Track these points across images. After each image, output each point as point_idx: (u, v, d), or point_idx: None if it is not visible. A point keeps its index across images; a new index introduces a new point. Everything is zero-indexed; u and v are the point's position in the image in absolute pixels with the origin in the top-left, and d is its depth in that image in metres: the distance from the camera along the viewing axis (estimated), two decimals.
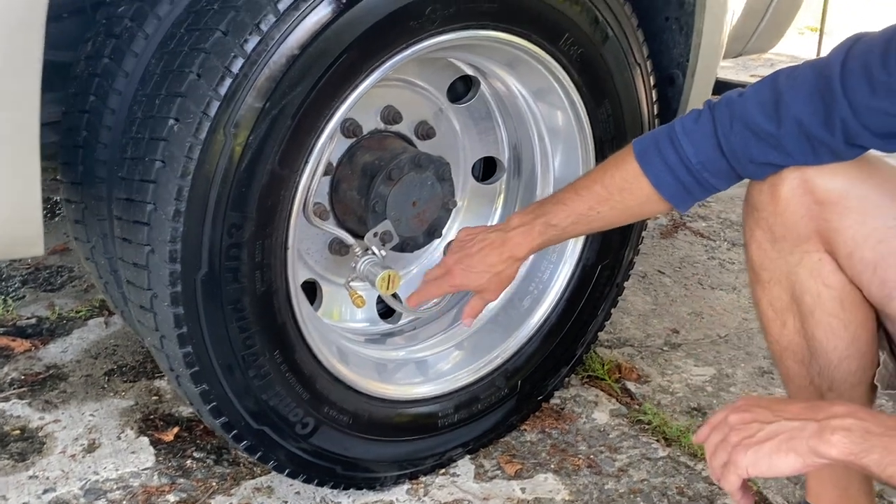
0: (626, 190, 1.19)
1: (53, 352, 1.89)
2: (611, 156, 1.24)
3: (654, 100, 1.57)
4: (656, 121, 1.59)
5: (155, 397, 1.74)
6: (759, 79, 1.15)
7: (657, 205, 1.20)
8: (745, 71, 4.78)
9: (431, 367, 1.57)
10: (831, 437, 0.87)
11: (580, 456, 1.63)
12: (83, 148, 1.32)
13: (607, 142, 1.52)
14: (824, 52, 1.14)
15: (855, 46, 1.05)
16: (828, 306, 1.15)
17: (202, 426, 1.64)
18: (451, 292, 1.43)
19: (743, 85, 1.30)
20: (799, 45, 5.28)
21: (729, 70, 4.55)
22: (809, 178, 1.10)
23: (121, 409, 1.70)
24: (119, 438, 1.61)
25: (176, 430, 1.64)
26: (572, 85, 1.43)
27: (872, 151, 1.13)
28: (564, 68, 1.41)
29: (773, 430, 0.91)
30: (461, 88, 1.57)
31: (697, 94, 1.66)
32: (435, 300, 1.61)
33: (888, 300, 1.12)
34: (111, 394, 1.75)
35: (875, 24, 1.11)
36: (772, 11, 2.17)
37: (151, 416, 1.68)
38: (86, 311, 2.06)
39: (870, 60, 1.02)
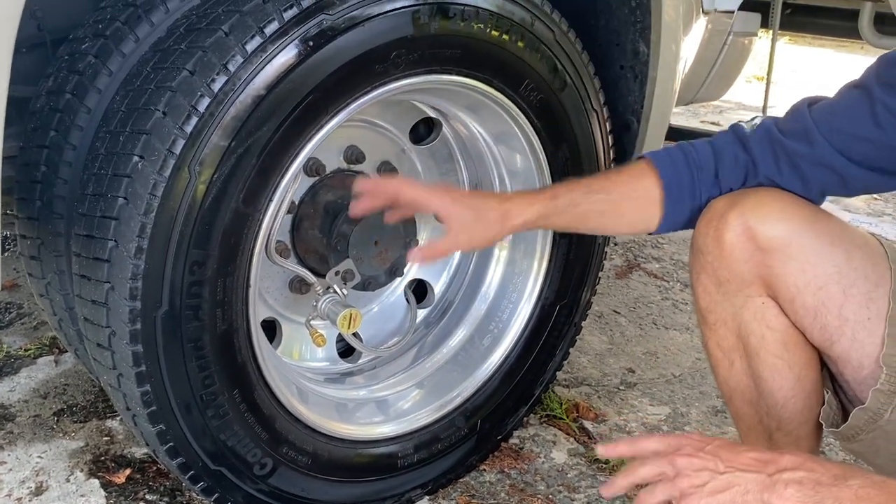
0: (636, 177, 1.25)
1: (0, 391, 1.83)
2: None
3: (611, 145, 1.62)
4: (612, 165, 1.63)
5: (106, 438, 1.70)
6: (708, 125, 1.25)
7: (655, 203, 1.24)
8: (696, 117, 4.94)
9: (392, 407, 1.57)
10: (784, 492, 0.89)
11: (539, 496, 1.63)
12: (41, 183, 1.31)
13: None
14: (771, 101, 1.26)
15: (817, 101, 1.19)
16: (772, 348, 1.19)
17: (155, 467, 1.60)
18: (437, 206, 1.25)
19: (695, 131, 1.40)
20: (747, 93, 5.49)
21: (680, 117, 4.69)
22: (752, 226, 1.15)
23: (70, 450, 1.65)
24: (68, 481, 1.57)
25: (128, 471, 1.59)
26: (532, 129, 1.47)
27: None
28: (524, 113, 1.45)
29: (726, 482, 0.91)
30: (423, 130, 1.60)
31: (651, 139, 1.71)
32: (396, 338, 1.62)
33: (829, 344, 1.16)
34: (60, 434, 1.70)
35: (817, 74, 1.22)
36: (721, 62, 2.26)
37: (102, 458, 1.63)
38: (35, 349, 2.00)
39: (833, 98, 1.16)
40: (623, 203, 1.26)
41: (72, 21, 1.39)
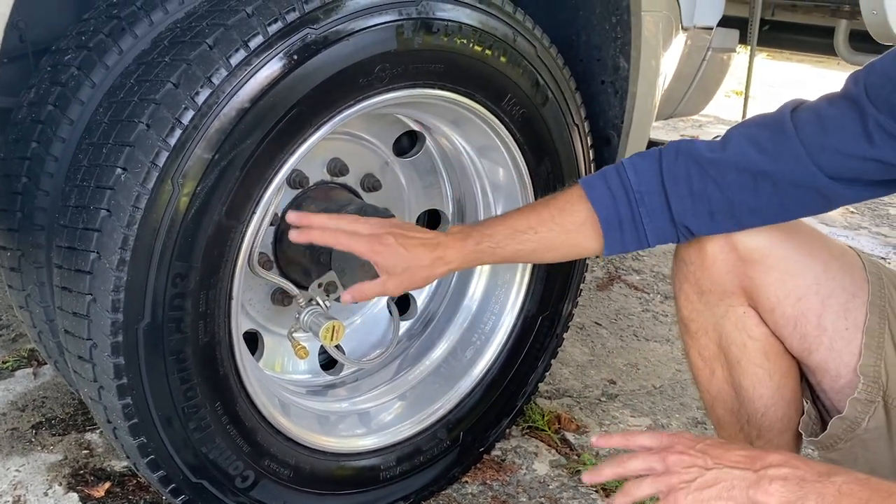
0: (566, 211, 1.19)
1: None
2: None
3: (592, 158, 1.64)
4: None
5: (85, 451, 1.68)
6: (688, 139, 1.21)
7: (590, 237, 1.19)
8: (676, 132, 5.00)
9: (374, 419, 1.57)
10: (769, 487, 0.91)
11: None
12: (22, 195, 1.30)
13: None
14: (750, 115, 1.21)
15: (799, 108, 1.11)
16: (753, 357, 1.20)
17: (135, 481, 1.59)
18: (363, 256, 1.22)
19: None
20: (726, 107, 5.56)
21: (660, 131, 4.74)
22: (734, 237, 1.16)
23: (49, 463, 1.64)
24: (46, 495, 1.55)
25: (107, 485, 1.58)
26: (514, 143, 1.49)
27: None
28: (507, 127, 1.46)
29: (713, 478, 0.93)
30: (407, 143, 1.61)
31: (632, 153, 1.73)
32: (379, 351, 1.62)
33: (808, 353, 1.18)
34: (39, 448, 1.68)
35: (795, 89, 1.19)
36: (700, 77, 2.29)
37: (81, 471, 1.62)
38: (13, 361, 1.98)
39: (818, 105, 1.09)
40: (553, 239, 1.20)
41: (54, 32, 1.39)
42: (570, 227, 1.19)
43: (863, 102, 1.05)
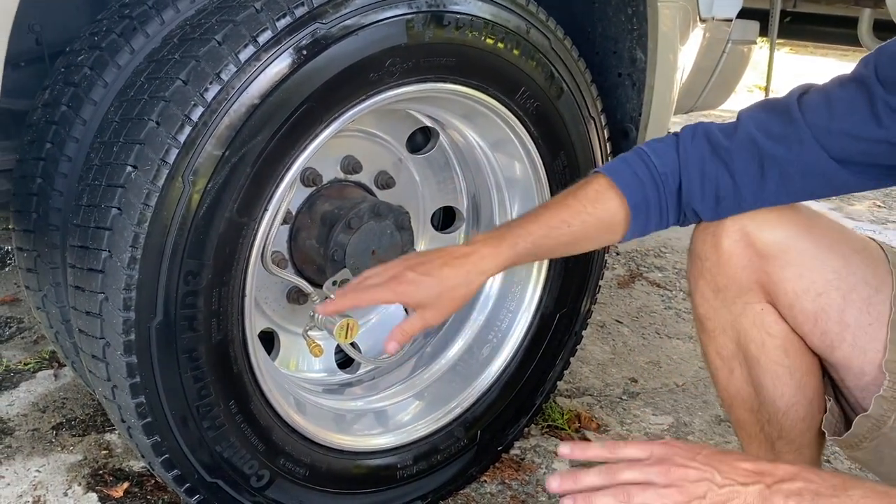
0: (598, 200, 1.15)
1: None
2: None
3: (609, 152, 1.62)
4: None
5: (105, 451, 1.69)
6: None
7: (621, 223, 1.16)
8: None
9: (390, 418, 1.56)
10: None
11: None
12: (37, 195, 1.31)
13: None
14: None
15: (808, 91, 1.10)
16: (772, 354, 1.17)
17: (153, 481, 1.59)
18: (391, 302, 1.19)
19: None
20: (748, 102, 5.49)
21: (681, 127, 4.68)
22: (750, 231, 1.13)
23: (68, 464, 1.64)
24: (66, 495, 1.56)
25: (126, 485, 1.58)
26: (529, 137, 1.47)
27: (809, 205, 1.18)
28: (521, 121, 1.44)
29: (725, 495, 0.87)
30: (420, 139, 1.60)
31: None
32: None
33: (830, 350, 1.14)
34: (59, 448, 1.69)
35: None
36: (720, 70, 2.25)
37: (100, 472, 1.62)
38: (34, 363, 2.00)
39: (827, 89, 1.07)
40: (587, 230, 1.17)
41: (69, 34, 1.39)
42: (602, 215, 1.16)
43: (871, 83, 1.03)
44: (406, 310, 1.66)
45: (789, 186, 1.11)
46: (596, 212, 1.16)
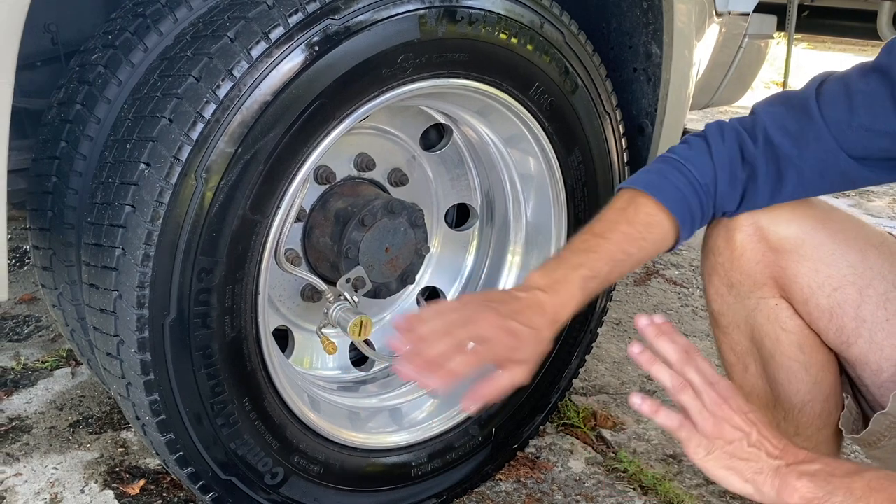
0: (652, 225, 1.11)
1: (17, 403, 1.84)
2: (608, 206, 1.14)
3: (624, 148, 1.60)
4: (626, 168, 1.61)
5: (121, 449, 1.70)
6: None
7: (671, 240, 1.14)
8: None
9: (405, 415, 1.55)
10: (796, 483, 0.88)
11: None
12: (52, 194, 1.31)
13: (578, 188, 1.54)
14: None
15: (831, 76, 1.08)
16: (787, 350, 1.16)
17: (169, 479, 1.60)
18: (498, 358, 0.99)
19: None
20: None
21: (698, 122, 4.65)
22: (764, 226, 1.12)
23: (85, 461, 1.65)
24: (83, 492, 1.56)
25: (142, 482, 1.59)
26: (543, 133, 1.46)
27: (825, 199, 1.16)
28: (535, 116, 1.43)
29: (748, 454, 0.91)
30: (434, 136, 1.59)
31: (666, 144, 1.69)
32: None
33: (846, 346, 1.13)
34: (76, 446, 1.70)
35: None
36: (736, 65, 2.23)
37: (117, 469, 1.63)
38: (52, 361, 2.01)
39: (847, 80, 1.04)
40: (644, 255, 1.14)
41: (85, 34, 1.40)
42: (657, 238, 1.12)
43: (893, 73, 1.00)
44: (419, 306, 1.66)
45: (806, 185, 1.09)
46: (651, 236, 1.12)
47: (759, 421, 0.93)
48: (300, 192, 1.25)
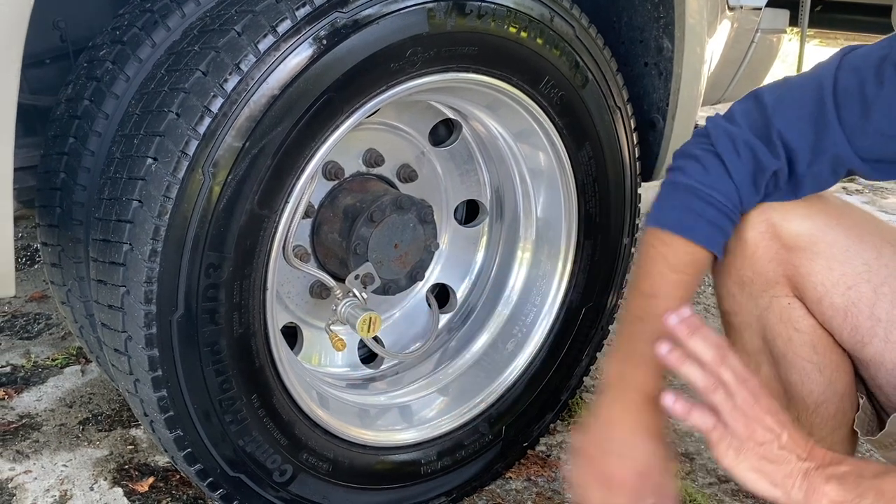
0: (696, 266, 1.10)
1: (27, 400, 1.84)
2: (645, 254, 1.12)
3: (636, 143, 1.59)
4: (637, 163, 1.60)
5: (130, 446, 1.69)
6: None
7: (709, 263, 1.14)
8: None
9: (414, 413, 1.54)
10: (824, 487, 0.87)
11: None
12: (61, 190, 1.31)
13: (589, 184, 1.53)
14: None
15: (845, 60, 1.04)
16: (800, 350, 1.13)
17: (179, 476, 1.59)
18: None
19: None
20: None
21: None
22: (777, 223, 1.10)
23: (95, 458, 1.65)
24: (92, 489, 1.56)
25: (151, 480, 1.59)
26: (553, 127, 1.44)
27: (838, 195, 1.14)
28: (545, 111, 1.42)
29: (778, 456, 0.90)
30: (443, 131, 1.58)
31: (678, 139, 1.67)
32: (419, 344, 1.60)
33: (861, 346, 1.10)
34: (85, 443, 1.70)
35: None
36: (748, 61, 2.21)
37: (126, 466, 1.63)
38: (62, 358, 2.01)
39: (863, 76, 1.01)
40: (693, 291, 1.14)
41: (94, 30, 1.40)
42: (701, 271, 1.12)
43: None
44: (428, 303, 1.65)
45: (821, 185, 1.09)
46: (699, 276, 1.12)
47: (789, 425, 0.92)
48: (308, 187, 1.24)
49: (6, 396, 1.85)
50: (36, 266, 2.49)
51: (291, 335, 1.51)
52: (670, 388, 0.96)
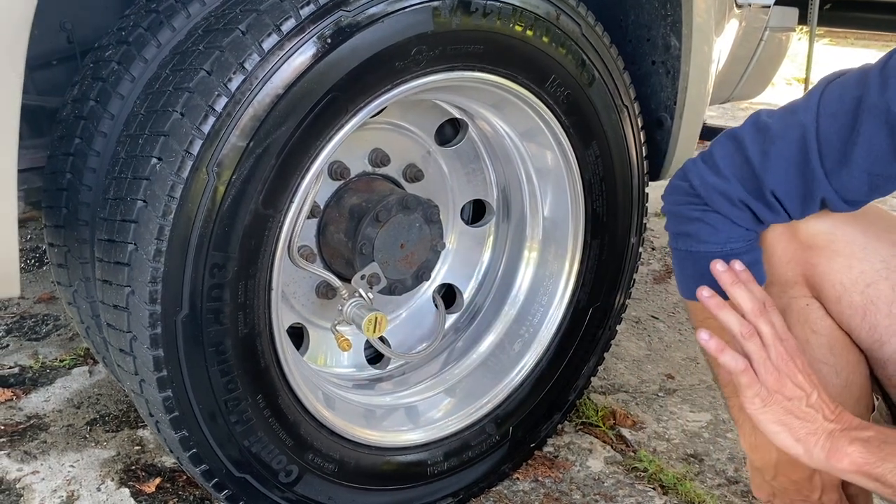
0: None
1: (35, 401, 1.85)
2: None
3: (643, 141, 1.57)
4: (645, 162, 1.59)
5: (137, 447, 1.69)
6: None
7: None
8: (735, 121, 4.84)
9: (421, 414, 1.54)
10: (847, 448, 0.88)
11: None
12: (67, 191, 1.31)
13: (596, 183, 1.52)
14: None
15: (824, 99, 1.02)
16: (817, 353, 1.12)
17: (185, 477, 1.59)
18: None
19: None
20: (787, 94, 5.37)
21: (717, 118, 4.61)
22: (794, 223, 1.09)
23: (102, 459, 1.65)
24: (99, 490, 1.56)
25: (158, 480, 1.59)
26: (559, 126, 1.43)
27: None
28: (551, 109, 1.41)
29: (805, 413, 0.91)
30: (449, 131, 1.57)
31: (686, 137, 1.66)
32: (425, 344, 1.59)
33: (879, 345, 1.09)
34: (92, 444, 1.70)
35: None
36: (757, 59, 2.20)
37: (133, 467, 1.63)
38: (70, 359, 2.02)
39: (840, 122, 0.99)
40: None
41: (100, 31, 1.40)
42: None
43: (887, 107, 0.94)
44: (435, 304, 1.64)
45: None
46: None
47: (821, 385, 0.94)
48: (313, 187, 1.24)
49: (14, 397, 1.85)
50: (44, 268, 2.50)
51: (297, 335, 1.50)
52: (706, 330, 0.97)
